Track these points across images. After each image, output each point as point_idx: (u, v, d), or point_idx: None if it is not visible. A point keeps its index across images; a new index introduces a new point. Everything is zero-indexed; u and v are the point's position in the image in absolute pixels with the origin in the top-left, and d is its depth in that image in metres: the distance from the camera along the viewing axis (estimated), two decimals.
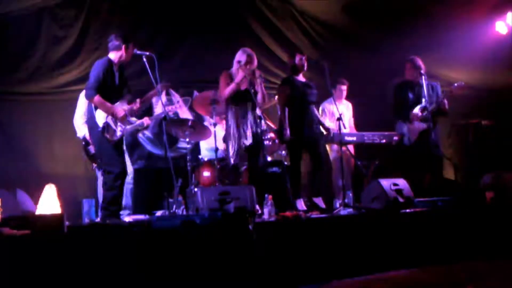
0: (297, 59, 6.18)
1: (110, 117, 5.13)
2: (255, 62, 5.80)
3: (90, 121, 5.21)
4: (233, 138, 5.73)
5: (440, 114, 6.61)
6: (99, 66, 5.15)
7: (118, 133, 5.19)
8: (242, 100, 5.77)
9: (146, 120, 5.88)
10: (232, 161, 5.73)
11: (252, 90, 5.76)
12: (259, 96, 5.81)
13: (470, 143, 8.05)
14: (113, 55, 5.26)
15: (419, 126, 6.45)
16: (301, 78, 6.23)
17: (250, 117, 5.79)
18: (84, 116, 5.95)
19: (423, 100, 6.45)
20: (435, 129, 6.50)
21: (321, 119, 6.46)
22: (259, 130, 5.81)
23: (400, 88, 6.66)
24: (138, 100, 5.40)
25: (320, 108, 7.10)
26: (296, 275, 4.39)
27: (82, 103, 5.98)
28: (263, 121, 6.55)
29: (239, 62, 5.72)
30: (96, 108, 5.12)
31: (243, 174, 6.15)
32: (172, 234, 4.11)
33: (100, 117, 5.11)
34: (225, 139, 5.89)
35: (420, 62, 6.54)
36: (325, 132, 6.46)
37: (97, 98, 5.05)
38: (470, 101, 8.21)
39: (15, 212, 4.62)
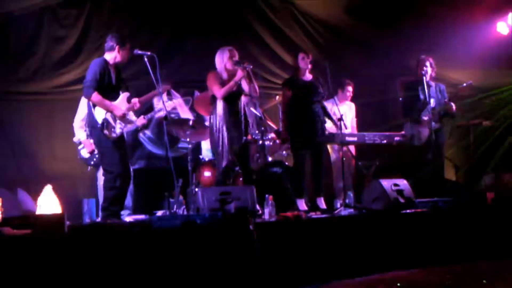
0: (299, 58, 6.18)
1: (109, 113, 5.14)
2: (237, 55, 5.77)
3: (90, 121, 5.21)
4: (222, 137, 5.66)
5: (448, 117, 6.62)
6: (96, 64, 5.16)
7: (118, 130, 5.18)
8: (234, 99, 5.74)
9: (140, 120, 5.82)
10: (224, 162, 5.67)
11: (244, 88, 5.73)
12: (247, 89, 5.73)
13: (470, 143, 8.04)
14: (108, 56, 5.27)
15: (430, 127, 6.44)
16: (306, 77, 6.20)
17: (241, 115, 5.75)
18: (82, 121, 5.97)
19: (432, 101, 6.44)
20: (441, 130, 6.50)
21: (330, 113, 6.41)
22: (247, 129, 5.79)
23: (410, 88, 6.64)
24: (137, 100, 5.40)
25: None
26: (297, 275, 4.38)
27: (82, 107, 5.98)
28: (263, 121, 6.58)
29: (237, 62, 5.68)
30: (94, 106, 5.12)
31: (241, 174, 6.14)
32: (172, 234, 4.11)
33: (99, 114, 5.12)
34: (212, 137, 5.77)
35: (429, 61, 6.54)
36: (333, 127, 6.43)
37: (95, 95, 5.06)
38: (470, 101, 8.20)
39: (15, 211, 4.63)
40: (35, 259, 3.61)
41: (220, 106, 5.66)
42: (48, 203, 4.58)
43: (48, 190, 4.69)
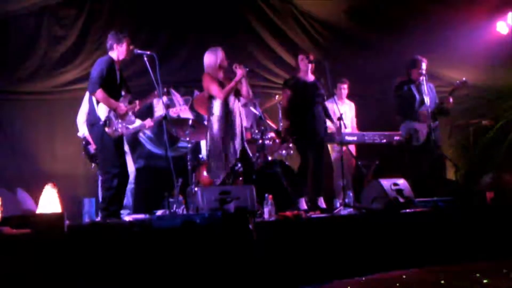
0: (299, 59, 6.18)
1: (112, 112, 5.13)
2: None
3: (91, 116, 5.19)
4: (221, 138, 5.63)
5: (443, 114, 6.62)
6: (102, 62, 5.14)
7: (119, 130, 5.18)
8: (231, 99, 5.73)
9: (148, 122, 5.85)
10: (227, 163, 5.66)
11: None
12: (244, 90, 5.74)
13: (470, 143, 8.04)
14: (113, 54, 5.25)
15: (427, 125, 6.43)
16: (307, 78, 6.19)
17: (237, 114, 5.74)
18: (85, 114, 5.95)
19: (427, 99, 6.45)
20: (437, 129, 6.52)
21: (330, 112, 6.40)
22: (243, 131, 5.79)
23: (405, 88, 6.63)
24: (138, 102, 5.40)
25: None
26: (297, 275, 4.39)
27: (86, 101, 5.97)
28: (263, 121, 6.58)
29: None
30: (98, 103, 5.11)
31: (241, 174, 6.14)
32: (172, 234, 4.11)
33: (102, 112, 5.11)
34: (210, 137, 5.74)
35: (425, 62, 6.55)
36: (333, 126, 6.44)
37: (100, 92, 5.04)
38: (470, 101, 8.21)
39: (15, 211, 4.63)
40: (35, 259, 3.61)
41: (219, 106, 5.66)
42: (48, 202, 4.58)
43: (49, 189, 4.69)
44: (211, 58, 5.73)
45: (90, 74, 5.15)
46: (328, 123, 6.60)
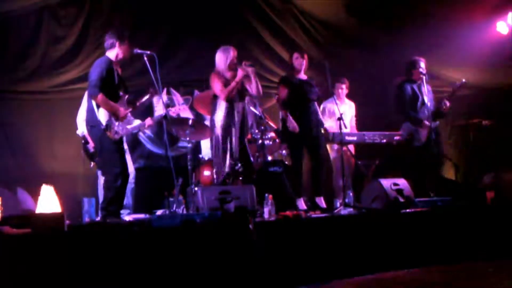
0: (293, 58, 6.20)
1: (112, 115, 5.12)
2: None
3: (91, 119, 5.19)
4: (223, 136, 5.65)
5: (439, 117, 6.62)
6: (101, 64, 5.12)
7: (120, 132, 5.18)
8: (236, 99, 5.74)
9: (148, 121, 5.84)
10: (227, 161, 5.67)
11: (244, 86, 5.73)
12: (254, 88, 5.76)
13: (470, 143, 8.04)
14: (111, 54, 5.24)
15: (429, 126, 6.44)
16: (301, 76, 6.22)
17: (240, 113, 5.74)
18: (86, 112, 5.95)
19: (425, 98, 6.46)
20: (438, 129, 6.53)
21: (321, 118, 6.43)
22: (246, 130, 5.80)
23: (407, 88, 6.63)
24: (137, 104, 5.41)
25: (321, 107, 7.09)
26: (296, 274, 4.38)
27: (86, 100, 5.96)
28: (264, 121, 6.58)
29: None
30: (98, 106, 5.10)
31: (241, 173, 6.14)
32: (172, 233, 4.11)
33: (102, 115, 5.10)
34: (213, 136, 5.76)
35: (423, 61, 6.55)
36: (333, 127, 6.44)
37: (101, 96, 5.03)
38: (470, 101, 8.21)
39: (15, 211, 4.63)
40: (34, 258, 3.61)
41: (222, 105, 5.67)
42: (46, 202, 4.58)
43: (46, 190, 4.69)
44: (221, 58, 5.75)
45: (89, 77, 5.13)
46: (328, 123, 6.60)
